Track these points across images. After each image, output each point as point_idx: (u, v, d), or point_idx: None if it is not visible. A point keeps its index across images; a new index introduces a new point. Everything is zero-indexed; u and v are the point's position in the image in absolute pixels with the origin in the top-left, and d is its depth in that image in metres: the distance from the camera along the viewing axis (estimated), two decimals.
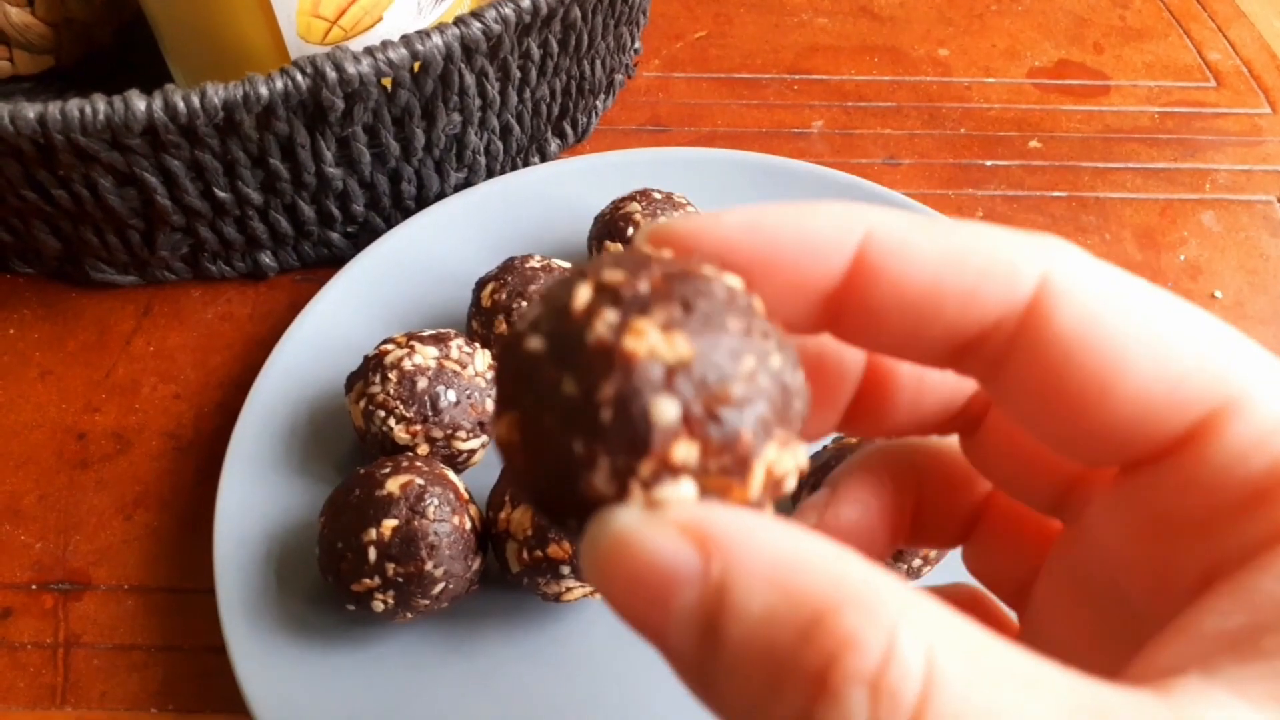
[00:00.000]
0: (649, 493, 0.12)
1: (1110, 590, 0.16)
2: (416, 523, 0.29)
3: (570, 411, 0.12)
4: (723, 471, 0.12)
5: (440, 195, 0.42)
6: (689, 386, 0.12)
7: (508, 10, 0.36)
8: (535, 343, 0.13)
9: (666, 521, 0.12)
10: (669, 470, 0.12)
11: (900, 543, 0.19)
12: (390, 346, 0.33)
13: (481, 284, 0.36)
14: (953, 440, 0.19)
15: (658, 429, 0.12)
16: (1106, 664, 0.13)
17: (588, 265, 0.13)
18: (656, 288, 0.12)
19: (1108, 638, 0.16)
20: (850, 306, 0.15)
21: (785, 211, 0.14)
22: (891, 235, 0.14)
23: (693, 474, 0.12)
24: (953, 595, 0.20)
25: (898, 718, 0.10)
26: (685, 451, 0.12)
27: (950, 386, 0.15)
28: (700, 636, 0.11)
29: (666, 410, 0.12)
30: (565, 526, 0.13)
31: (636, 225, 0.36)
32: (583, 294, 0.13)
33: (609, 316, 0.12)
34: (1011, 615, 0.20)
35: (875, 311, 0.14)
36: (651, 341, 0.12)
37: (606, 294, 0.12)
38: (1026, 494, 0.18)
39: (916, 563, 0.30)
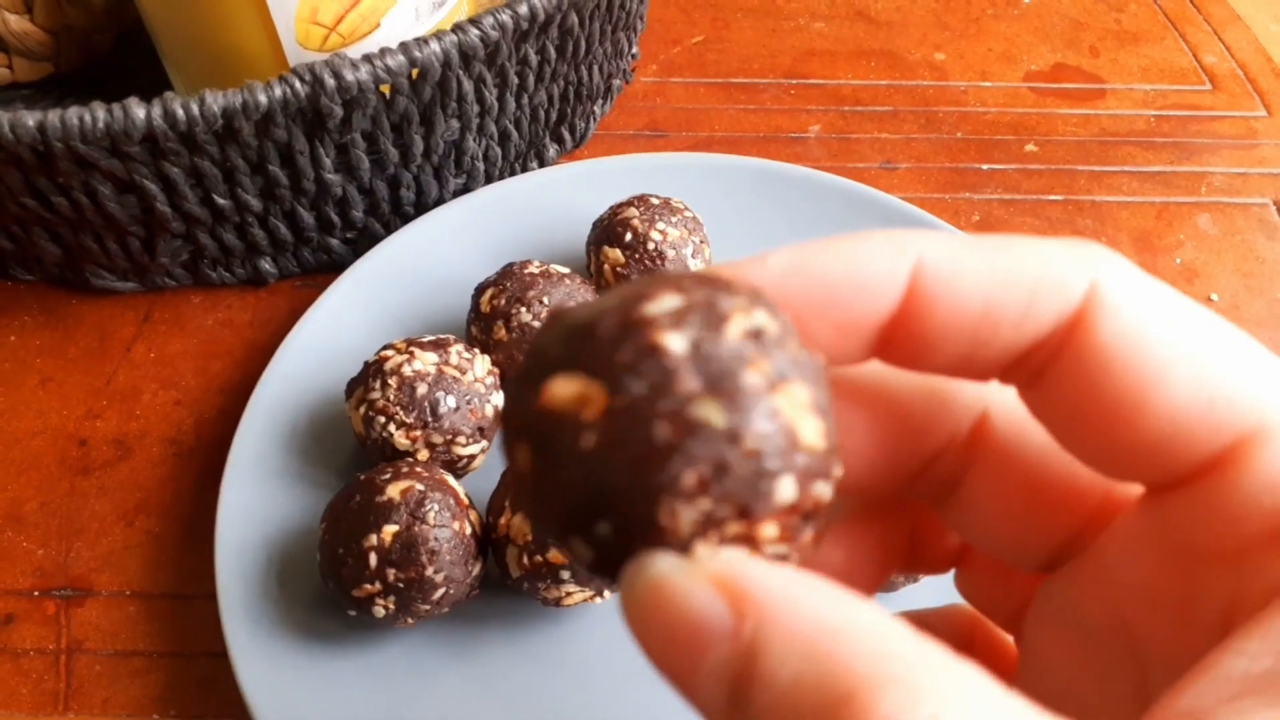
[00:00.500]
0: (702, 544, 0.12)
1: (1115, 629, 0.15)
2: (417, 528, 0.29)
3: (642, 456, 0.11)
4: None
5: (439, 201, 0.42)
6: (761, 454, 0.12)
7: (505, 17, 0.36)
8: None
9: (700, 573, 0.11)
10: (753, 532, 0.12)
11: (893, 573, 0.19)
12: (390, 352, 0.33)
13: (480, 289, 0.36)
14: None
15: (773, 497, 0.12)
16: (1109, 704, 0.12)
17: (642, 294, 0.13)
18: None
19: (1109, 678, 0.15)
20: (905, 335, 0.14)
21: (830, 250, 0.14)
22: (942, 262, 0.14)
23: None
24: (950, 617, 0.20)
25: None
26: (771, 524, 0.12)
27: (1006, 339, 0.14)
28: (729, 697, 0.11)
29: (785, 487, 0.12)
30: (571, 549, 0.12)
31: (634, 230, 0.36)
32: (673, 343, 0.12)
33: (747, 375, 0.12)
34: (1008, 638, 0.19)
35: (932, 338, 0.14)
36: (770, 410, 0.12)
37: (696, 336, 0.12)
38: (1005, 553, 0.17)
39: (899, 579, 0.30)
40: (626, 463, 0.11)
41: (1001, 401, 0.17)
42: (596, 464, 0.11)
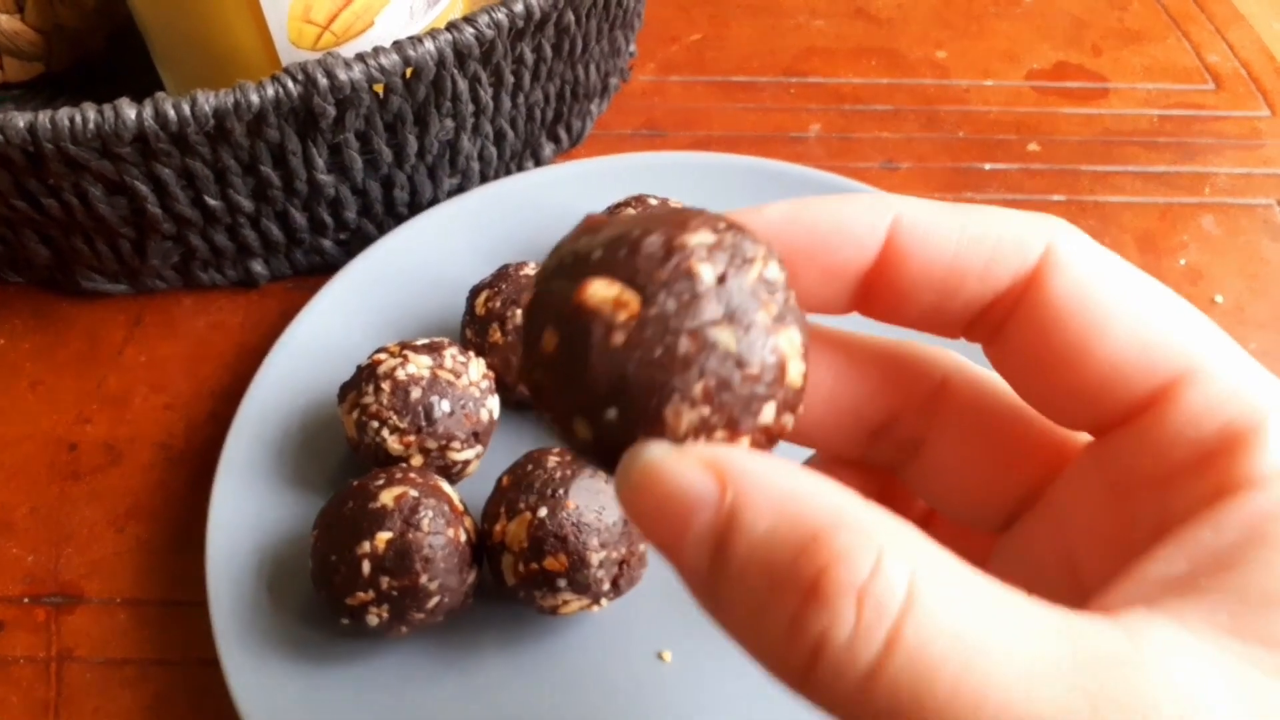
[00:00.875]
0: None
1: (1061, 565, 0.17)
2: (411, 535, 0.29)
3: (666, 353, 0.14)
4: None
5: (433, 202, 0.42)
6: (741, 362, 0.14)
7: (500, 15, 0.35)
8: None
9: (691, 456, 0.13)
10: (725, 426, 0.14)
11: None
12: (383, 356, 0.33)
13: (475, 292, 0.36)
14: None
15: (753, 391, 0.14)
16: None
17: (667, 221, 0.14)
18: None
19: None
20: (881, 285, 0.16)
21: (820, 203, 0.16)
22: (918, 219, 0.16)
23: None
24: None
25: (880, 625, 0.12)
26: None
27: (971, 291, 0.16)
28: (711, 553, 0.13)
29: (768, 411, 0.14)
30: (570, 428, 0.14)
31: None
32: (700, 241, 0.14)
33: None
34: None
35: (905, 288, 0.16)
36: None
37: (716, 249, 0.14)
38: (965, 513, 0.19)
39: None
40: (648, 363, 0.13)
41: (959, 369, 0.19)
42: (621, 359, 0.13)
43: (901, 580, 0.12)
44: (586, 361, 0.14)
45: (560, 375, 0.14)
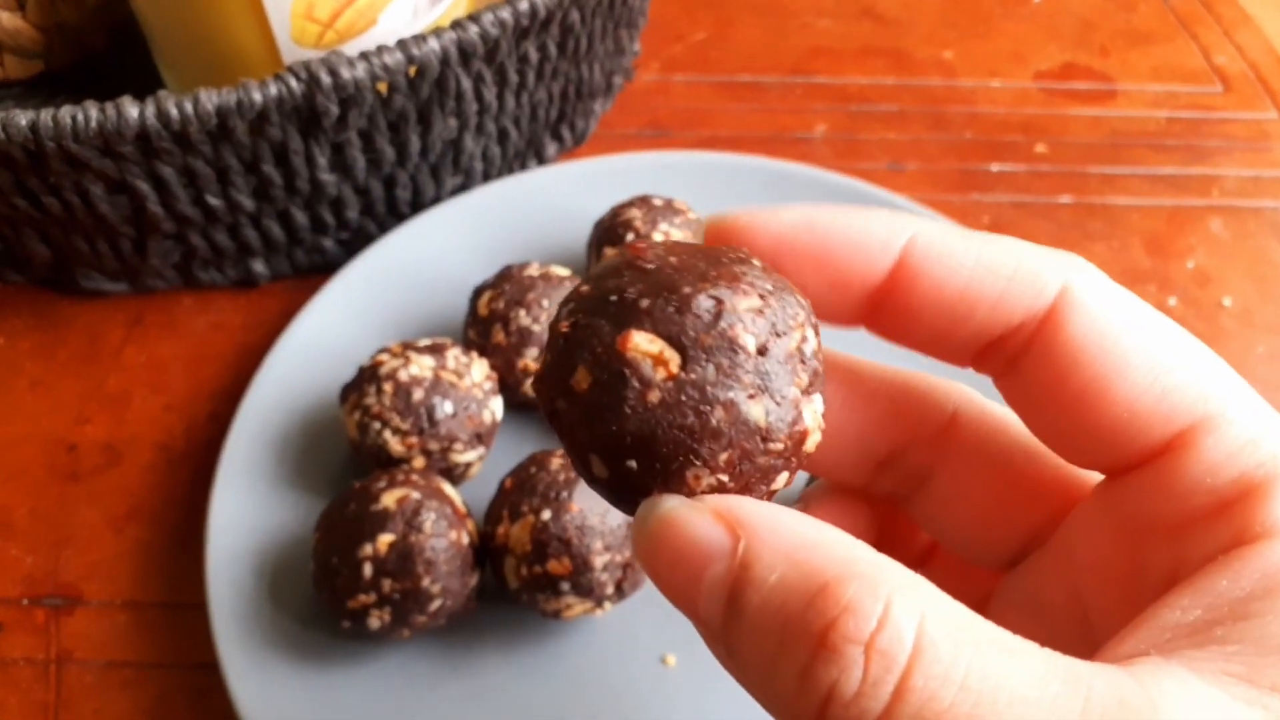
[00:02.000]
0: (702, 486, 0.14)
1: (1069, 605, 0.17)
2: (413, 538, 0.28)
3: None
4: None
5: (436, 201, 0.41)
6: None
7: (505, 14, 0.35)
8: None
9: (704, 508, 0.14)
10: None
11: None
12: (385, 356, 0.32)
13: (478, 292, 0.35)
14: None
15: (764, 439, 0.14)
16: None
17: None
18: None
19: (1062, 648, 0.17)
20: (891, 303, 0.16)
21: (838, 213, 0.16)
22: (933, 241, 0.16)
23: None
24: None
25: (888, 676, 0.12)
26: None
27: (982, 319, 0.16)
28: (726, 604, 0.13)
29: (781, 479, 0.15)
30: (587, 463, 0.14)
31: (637, 232, 0.36)
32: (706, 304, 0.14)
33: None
34: None
35: (914, 309, 0.16)
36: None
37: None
38: (971, 550, 0.19)
39: None
40: (679, 427, 0.14)
41: (969, 404, 0.19)
42: (652, 418, 0.14)
43: (909, 630, 0.12)
44: (618, 411, 0.14)
45: (587, 414, 0.14)
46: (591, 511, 0.29)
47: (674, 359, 0.14)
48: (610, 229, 0.37)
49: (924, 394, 0.19)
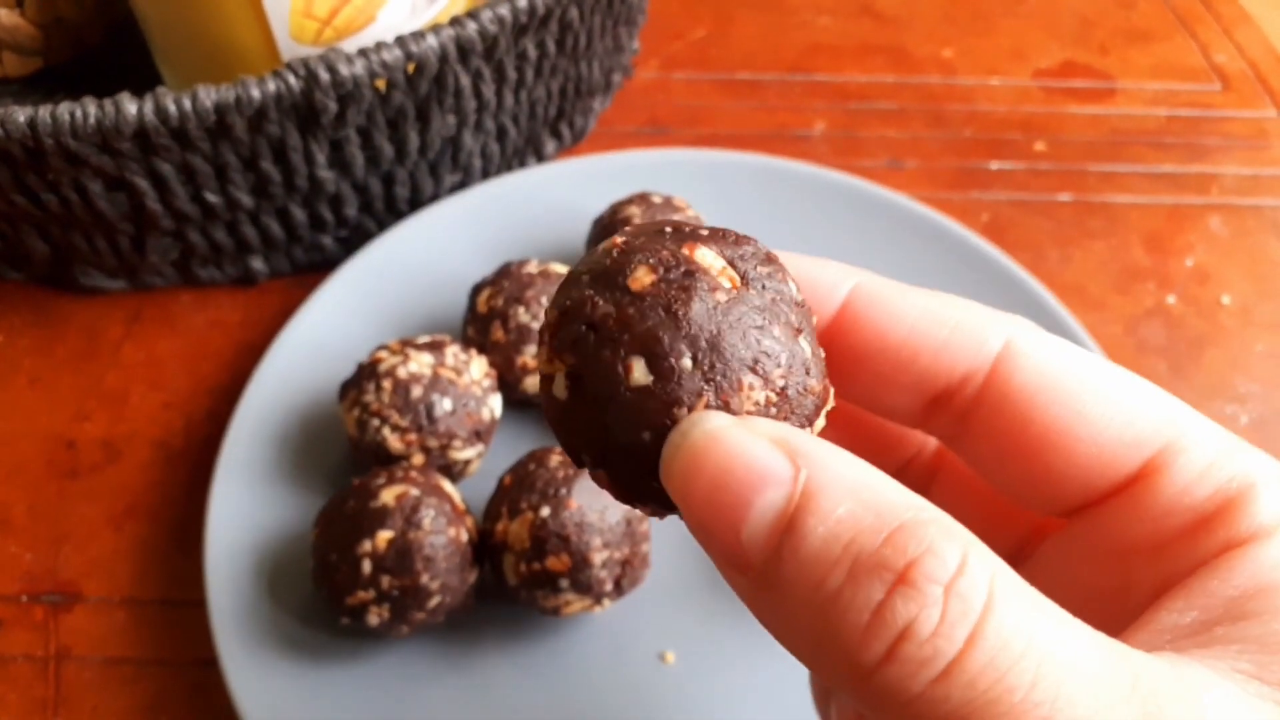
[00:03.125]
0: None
1: None
2: (412, 535, 0.28)
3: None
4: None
5: (435, 198, 0.41)
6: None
7: (504, 10, 0.35)
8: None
9: (761, 430, 0.13)
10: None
11: None
12: (384, 354, 0.32)
13: (477, 289, 0.35)
14: None
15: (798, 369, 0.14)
16: None
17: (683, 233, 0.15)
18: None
19: None
20: (836, 346, 0.17)
21: (790, 257, 0.16)
22: (878, 289, 0.16)
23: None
24: None
25: (966, 618, 0.12)
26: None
27: (924, 367, 0.16)
28: (777, 534, 0.13)
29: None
30: (628, 369, 0.14)
31: None
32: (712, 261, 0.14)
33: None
34: None
35: (859, 353, 0.17)
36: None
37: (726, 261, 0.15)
38: None
39: None
40: (743, 334, 0.14)
41: (935, 447, 0.19)
42: (721, 318, 0.14)
43: (985, 580, 0.12)
44: (687, 307, 0.14)
45: (645, 310, 0.14)
46: (590, 508, 0.29)
47: (736, 279, 0.14)
48: (609, 226, 0.36)
49: (886, 427, 0.19)
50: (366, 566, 0.28)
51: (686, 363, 0.14)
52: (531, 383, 0.34)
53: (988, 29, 0.52)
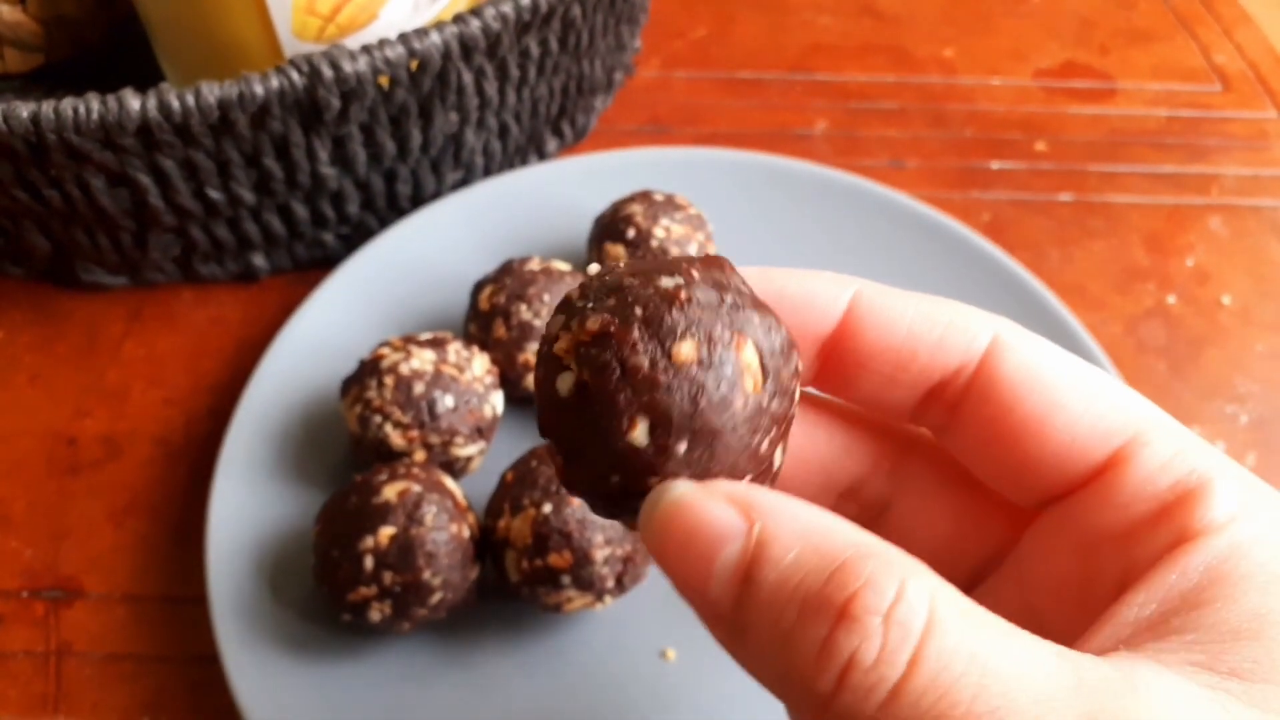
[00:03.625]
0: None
1: (1027, 622, 0.18)
2: (414, 531, 0.28)
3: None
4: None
5: (436, 196, 0.41)
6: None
7: (507, 8, 0.35)
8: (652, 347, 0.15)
9: (718, 492, 0.15)
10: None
11: None
12: (386, 350, 0.32)
13: (479, 286, 0.35)
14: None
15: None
16: None
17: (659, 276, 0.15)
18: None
19: None
20: (840, 352, 0.18)
21: (788, 273, 0.18)
22: (876, 296, 0.18)
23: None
24: None
25: (905, 645, 0.13)
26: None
27: (922, 366, 0.18)
28: (738, 583, 0.14)
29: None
30: (622, 439, 0.15)
31: (637, 227, 0.36)
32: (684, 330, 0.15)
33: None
34: None
35: (862, 357, 0.18)
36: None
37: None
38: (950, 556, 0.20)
39: None
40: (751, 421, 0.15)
41: (923, 436, 0.20)
42: (740, 416, 0.15)
43: (923, 605, 0.13)
44: (709, 408, 0.15)
45: (675, 390, 0.15)
46: None
47: (760, 381, 0.15)
48: (611, 224, 0.37)
49: (882, 425, 0.20)
50: (368, 563, 0.28)
51: (682, 448, 0.15)
52: (533, 380, 0.34)
53: (988, 29, 0.52)
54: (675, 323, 0.15)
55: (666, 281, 0.15)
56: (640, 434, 0.15)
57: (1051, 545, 0.18)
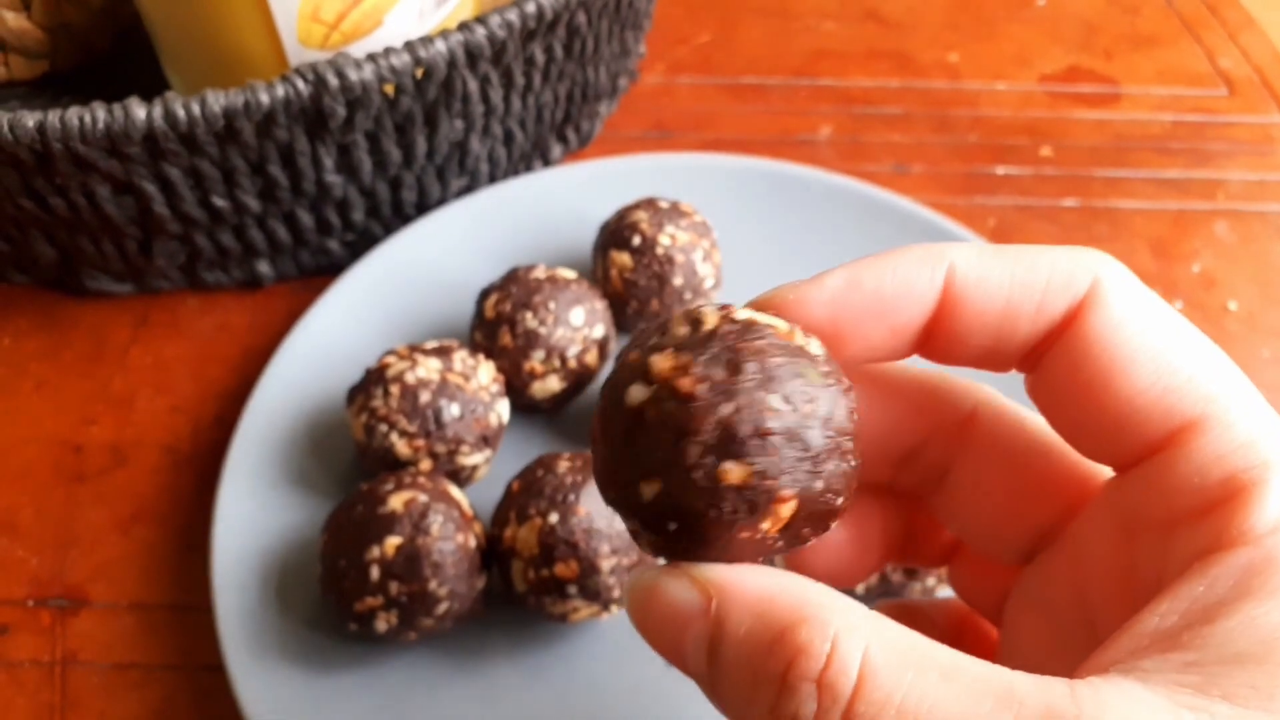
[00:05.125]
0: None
1: (1075, 605, 0.18)
2: (420, 541, 0.28)
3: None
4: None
5: (441, 203, 0.41)
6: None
7: (512, 16, 0.35)
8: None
9: (682, 575, 0.15)
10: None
11: (891, 559, 0.22)
12: (392, 359, 0.32)
13: (485, 294, 0.35)
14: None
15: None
16: (1064, 673, 0.14)
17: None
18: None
19: (1069, 650, 0.18)
20: (940, 331, 0.17)
21: (876, 265, 0.17)
22: (970, 269, 0.17)
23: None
24: (944, 609, 0.23)
25: (837, 704, 0.13)
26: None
27: (1025, 332, 0.17)
28: (707, 657, 0.15)
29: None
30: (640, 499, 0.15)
31: (643, 234, 0.36)
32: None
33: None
34: (992, 628, 0.22)
35: (962, 333, 0.17)
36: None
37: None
38: (988, 544, 0.20)
39: (931, 581, 0.30)
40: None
41: (988, 401, 0.19)
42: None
43: (854, 663, 0.14)
44: (731, 541, 0.15)
45: (712, 504, 0.15)
46: (599, 515, 0.29)
47: (782, 526, 0.15)
48: (616, 231, 0.36)
49: (943, 391, 0.20)
50: (375, 572, 0.28)
51: (672, 527, 0.15)
52: (539, 388, 0.34)
53: (993, 34, 0.52)
54: (740, 451, 0.14)
55: (765, 398, 0.15)
56: (648, 491, 0.15)
57: (1102, 525, 0.17)
